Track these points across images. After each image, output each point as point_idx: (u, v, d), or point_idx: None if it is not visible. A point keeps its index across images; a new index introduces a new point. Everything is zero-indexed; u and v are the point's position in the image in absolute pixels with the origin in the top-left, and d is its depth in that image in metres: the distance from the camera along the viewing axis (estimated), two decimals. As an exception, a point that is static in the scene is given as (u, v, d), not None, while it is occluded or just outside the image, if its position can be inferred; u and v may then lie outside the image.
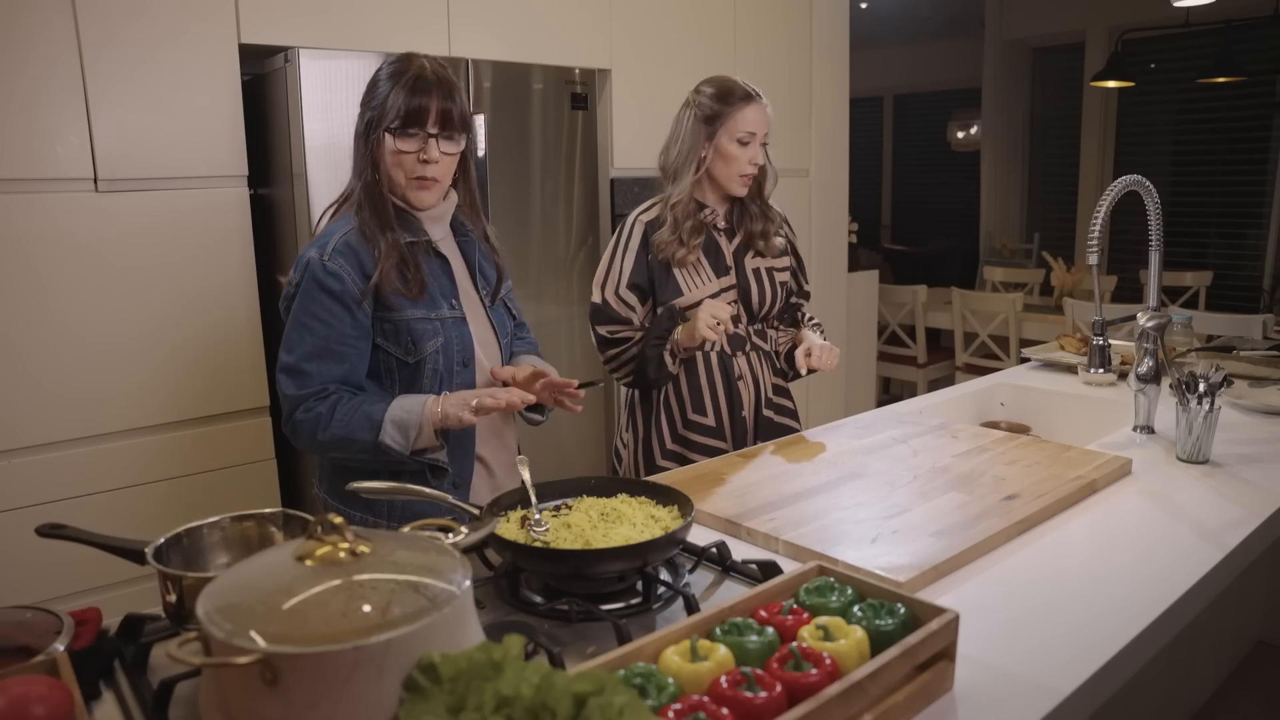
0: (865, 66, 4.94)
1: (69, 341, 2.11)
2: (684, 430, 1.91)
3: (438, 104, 1.42)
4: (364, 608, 0.73)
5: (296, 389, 1.43)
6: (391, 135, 1.43)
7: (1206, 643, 2.30)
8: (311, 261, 1.43)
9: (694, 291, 1.87)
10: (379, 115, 1.43)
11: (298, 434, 1.45)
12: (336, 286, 1.42)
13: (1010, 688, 0.93)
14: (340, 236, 1.44)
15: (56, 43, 2.02)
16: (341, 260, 1.42)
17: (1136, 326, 1.82)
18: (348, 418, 1.41)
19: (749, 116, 1.85)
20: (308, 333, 1.43)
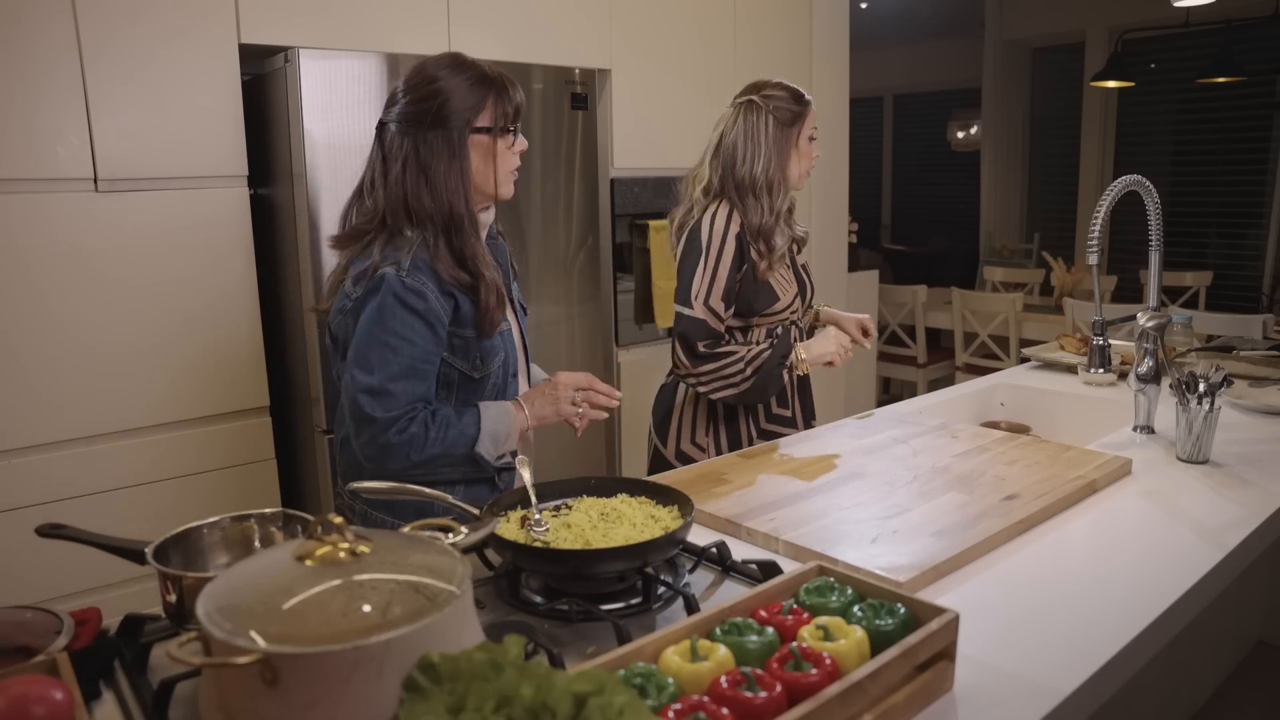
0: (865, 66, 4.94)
1: (69, 341, 2.11)
2: (767, 424, 2.00)
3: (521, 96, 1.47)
4: (364, 608, 0.73)
5: (384, 411, 1.37)
6: (505, 135, 1.44)
7: (1206, 643, 2.30)
8: (389, 278, 1.36)
9: (785, 297, 1.94)
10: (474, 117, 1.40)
11: (388, 456, 1.38)
12: (420, 305, 1.37)
13: (1010, 688, 0.93)
14: (418, 252, 1.39)
15: (56, 43, 2.02)
16: (422, 277, 1.38)
17: (1136, 326, 1.82)
18: (442, 436, 1.39)
19: (814, 114, 1.96)
20: (390, 351, 1.37)
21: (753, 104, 1.91)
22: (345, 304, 1.41)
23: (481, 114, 1.41)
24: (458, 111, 1.40)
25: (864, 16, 5.76)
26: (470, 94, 1.40)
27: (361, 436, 1.39)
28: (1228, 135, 5.71)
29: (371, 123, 2.37)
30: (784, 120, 1.90)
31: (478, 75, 1.42)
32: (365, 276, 1.38)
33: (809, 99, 1.95)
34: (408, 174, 1.40)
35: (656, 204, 3.19)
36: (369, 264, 1.39)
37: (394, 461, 1.39)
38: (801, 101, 1.93)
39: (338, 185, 2.35)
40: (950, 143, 7.47)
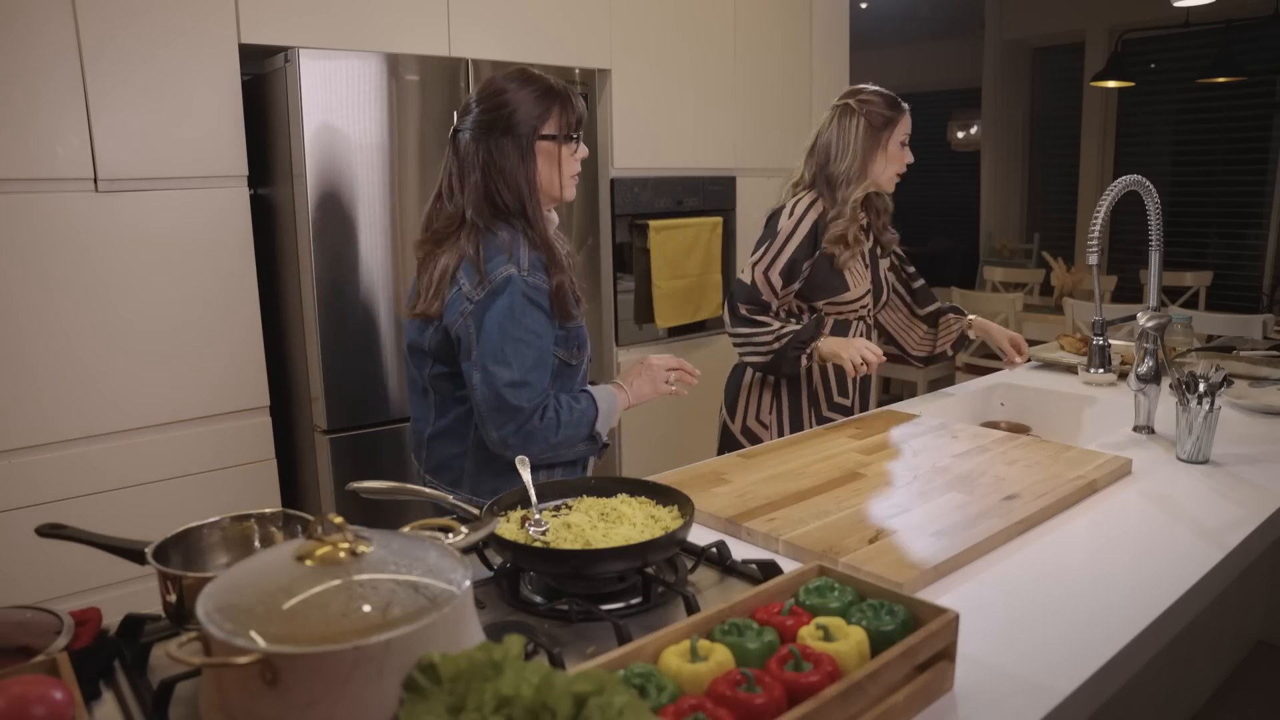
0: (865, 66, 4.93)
1: (69, 341, 2.11)
2: (828, 412, 2.13)
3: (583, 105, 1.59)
4: (364, 608, 0.73)
5: (527, 401, 1.47)
6: (571, 142, 1.55)
7: (1206, 643, 2.30)
8: (514, 278, 1.47)
9: (855, 289, 2.06)
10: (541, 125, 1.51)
11: (531, 442, 1.48)
12: (543, 301, 1.50)
13: (1010, 688, 0.93)
14: (529, 250, 1.51)
15: (56, 43, 2.03)
16: (540, 275, 1.50)
17: (1136, 326, 1.82)
18: (571, 419, 1.52)
19: (907, 120, 2.06)
20: (524, 345, 1.48)
21: (848, 107, 2.04)
22: (465, 306, 1.48)
23: (547, 123, 1.53)
24: (525, 120, 1.51)
25: (864, 16, 5.76)
26: (537, 105, 1.52)
27: (505, 427, 1.48)
28: (1228, 135, 5.71)
29: (372, 122, 2.39)
30: (876, 124, 2.02)
31: (544, 88, 1.54)
32: (485, 279, 1.47)
33: (904, 106, 2.05)
34: (487, 178, 1.51)
35: (656, 204, 3.19)
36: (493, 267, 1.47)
37: (535, 446, 1.49)
38: (895, 107, 2.04)
39: (338, 185, 2.35)
40: (950, 143, 7.46)
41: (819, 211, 2.04)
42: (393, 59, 2.41)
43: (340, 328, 2.40)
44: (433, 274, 1.53)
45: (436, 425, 1.61)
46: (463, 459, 1.59)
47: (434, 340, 1.54)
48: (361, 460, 2.48)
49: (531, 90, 1.52)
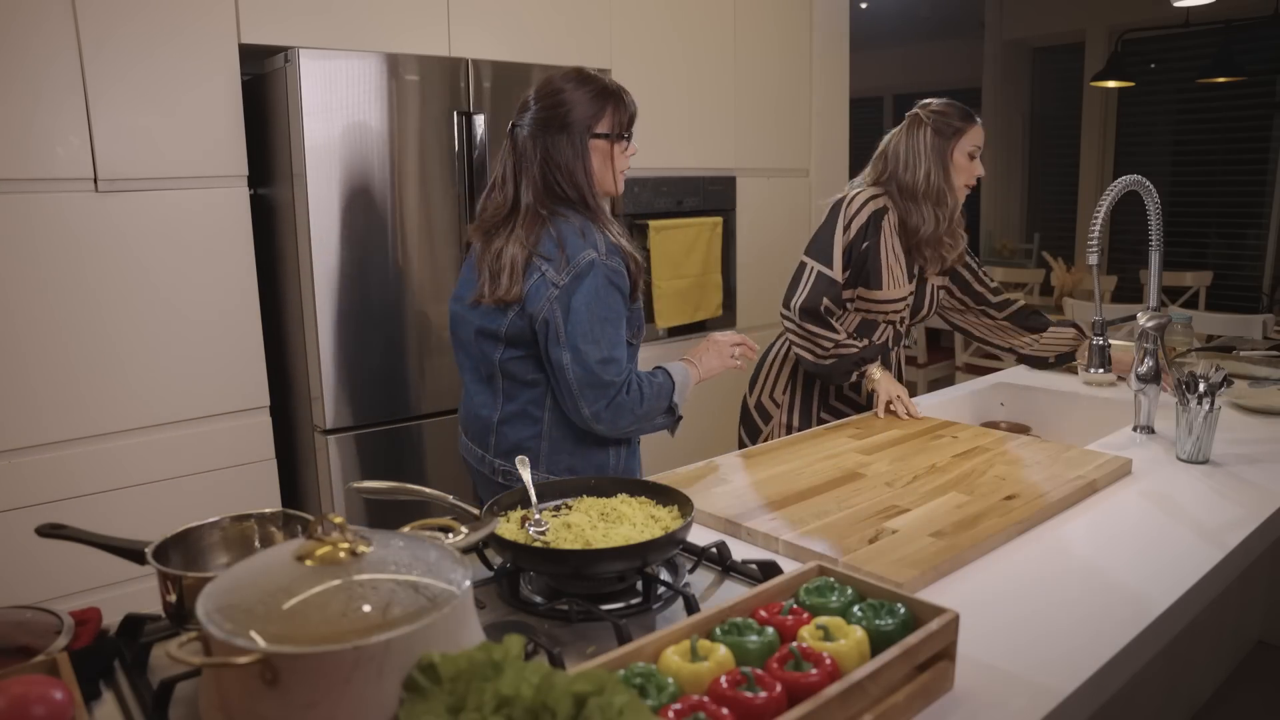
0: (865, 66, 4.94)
1: (69, 341, 2.11)
2: (835, 401, 2.16)
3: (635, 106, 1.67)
4: (364, 608, 0.73)
5: (617, 376, 1.56)
6: (624, 141, 1.64)
7: (1206, 642, 2.30)
8: (597, 262, 1.55)
9: (891, 290, 2.07)
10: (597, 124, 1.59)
11: (620, 414, 1.57)
12: (621, 283, 1.58)
13: (1010, 688, 0.93)
14: (606, 236, 1.59)
15: (56, 43, 2.03)
16: (617, 258, 1.58)
17: (1136, 326, 1.82)
18: (653, 392, 1.61)
19: (976, 133, 2.06)
20: (610, 325, 1.56)
21: (917, 117, 2.08)
22: (551, 291, 1.54)
23: (600, 121, 1.60)
24: (580, 119, 1.59)
25: (864, 16, 5.76)
26: (591, 104, 1.60)
27: (597, 403, 1.56)
28: (1228, 135, 5.71)
29: (372, 123, 2.39)
30: (945, 133, 2.04)
31: (599, 88, 1.61)
32: (569, 264, 1.54)
33: (975, 118, 2.06)
34: (545, 172, 1.59)
35: (656, 204, 3.19)
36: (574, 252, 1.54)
37: (624, 419, 1.58)
38: (965, 118, 2.05)
39: (338, 185, 2.35)
40: (950, 143, 7.46)
41: (879, 206, 2.06)
42: (393, 59, 2.41)
43: (340, 327, 2.40)
44: (499, 262, 1.58)
45: (506, 410, 1.66)
46: (538, 440, 1.65)
47: (512, 326, 1.59)
48: (362, 460, 2.49)
49: (587, 90, 1.60)
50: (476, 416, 1.71)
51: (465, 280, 1.69)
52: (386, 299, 2.47)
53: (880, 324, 2.11)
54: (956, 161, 2.04)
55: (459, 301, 1.69)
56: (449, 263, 2.57)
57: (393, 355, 2.50)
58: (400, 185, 2.46)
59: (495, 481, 1.70)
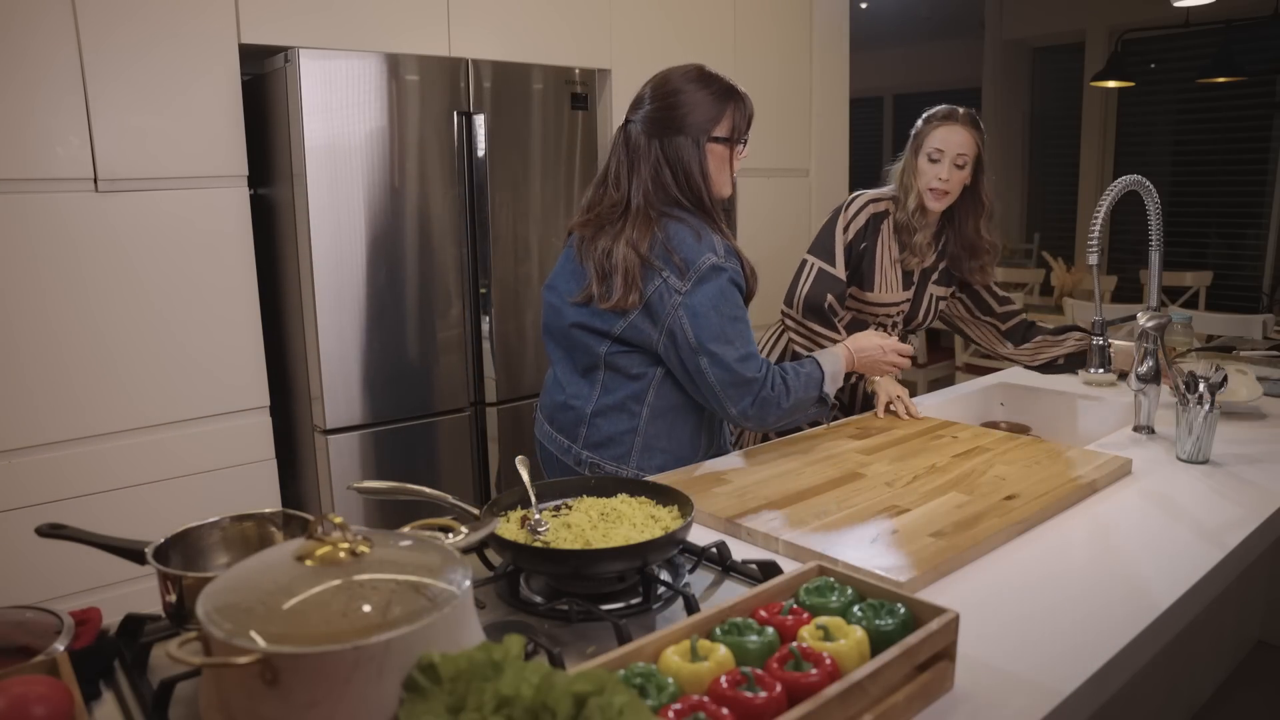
0: (865, 66, 4.94)
1: (69, 341, 2.11)
2: None
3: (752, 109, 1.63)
4: (364, 608, 0.73)
5: (757, 372, 1.57)
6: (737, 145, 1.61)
7: (1206, 642, 2.30)
8: (717, 264, 1.55)
9: (883, 294, 2.07)
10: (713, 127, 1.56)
11: (767, 409, 1.58)
12: (741, 283, 1.60)
13: (1010, 688, 0.93)
14: (721, 241, 1.58)
15: (56, 43, 2.03)
16: (734, 260, 1.59)
17: (1136, 326, 1.82)
18: (800, 384, 1.62)
19: (940, 134, 2.01)
20: (740, 324, 1.57)
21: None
22: (675, 298, 1.54)
23: (720, 125, 1.58)
24: (700, 122, 1.57)
25: (864, 16, 5.76)
26: (712, 106, 1.57)
27: (744, 400, 1.57)
28: (1228, 135, 5.71)
29: (372, 123, 2.39)
30: (916, 132, 2.05)
31: (720, 89, 1.58)
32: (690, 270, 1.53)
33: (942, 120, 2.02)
34: (659, 172, 1.57)
35: (656, 204, 3.18)
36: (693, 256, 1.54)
37: (771, 412, 1.59)
38: (930, 120, 2.04)
39: (338, 185, 2.35)
40: (950, 143, 7.46)
41: (879, 210, 2.05)
42: (393, 59, 2.41)
43: (340, 327, 2.40)
44: (609, 262, 1.56)
45: (601, 402, 1.65)
46: (632, 435, 1.65)
47: (631, 329, 1.59)
48: (362, 460, 2.49)
49: (708, 92, 1.57)
50: (568, 407, 1.69)
51: (564, 272, 1.67)
52: (386, 299, 2.47)
53: (872, 326, 2.12)
54: (918, 164, 2.02)
55: (554, 292, 1.68)
56: (449, 262, 2.57)
57: (393, 355, 2.50)
58: (400, 185, 2.46)
59: (577, 472, 1.69)
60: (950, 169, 2.00)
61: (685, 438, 1.67)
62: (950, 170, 2.00)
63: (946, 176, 2.00)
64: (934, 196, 2.02)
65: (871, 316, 2.11)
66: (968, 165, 2.02)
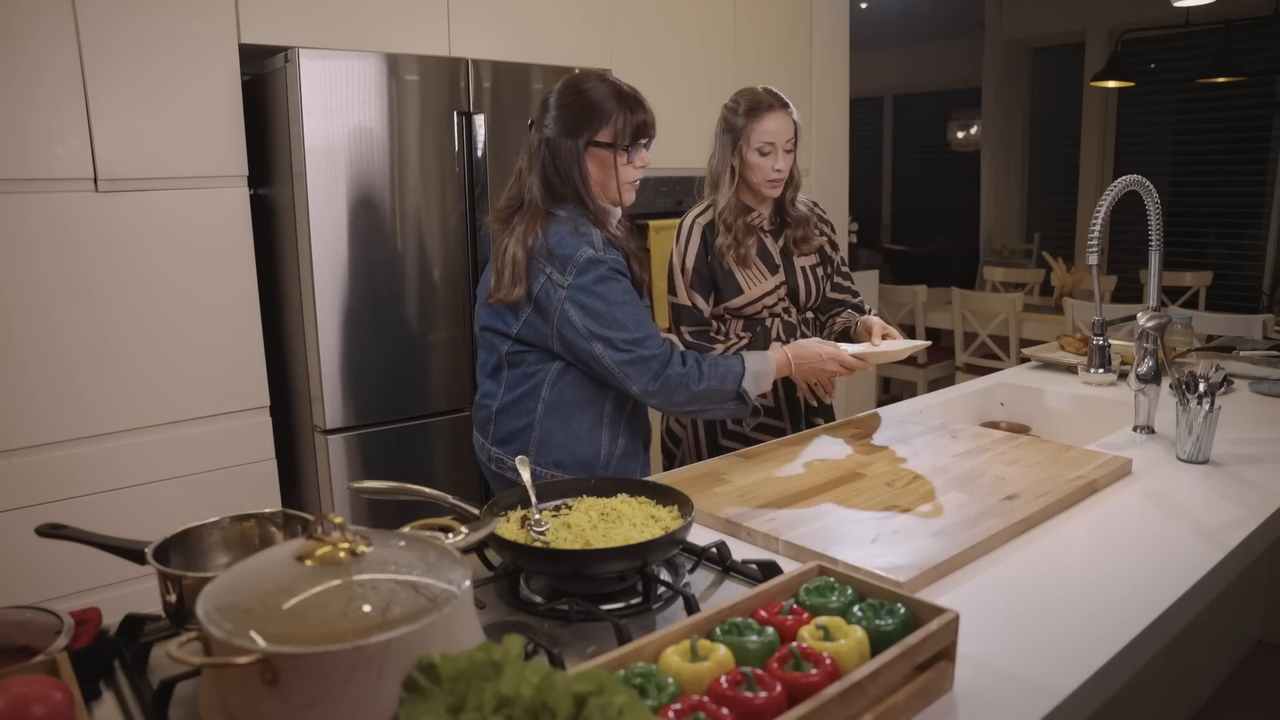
0: (865, 66, 4.94)
1: (69, 341, 2.11)
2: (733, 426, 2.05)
3: (648, 115, 1.63)
4: (364, 608, 0.73)
5: (655, 347, 1.58)
6: (624, 151, 1.61)
7: (1206, 642, 2.30)
8: (594, 257, 1.58)
9: (752, 289, 2.00)
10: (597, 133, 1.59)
11: (672, 388, 1.59)
12: (623, 269, 1.61)
13: (1010, 688, 0.93)
14: (598, 233, 1.61)
15: (56, 44, 2.03)
16: (613, 251, 1.61)
17: (1136, 326, 1.82)
18: (714, 371, 1.61)
19: (767, 127, 1.95)
20: (630, 306, 1.59)
21: (722, 108, 2.03)
22: (560, 293, 1.57)
23: (603, 130, 1.59)
24: (579, 126, 1.60)
25: (864, 16, 5.76)
26: (597, 112, 1.60)
27: (643, 378, 1.58)
28: (1228, 135, 5.71)
29: (372, 123, 2.39)
30: (727, 128, 2.00)
31: (608, 94, 1.61)
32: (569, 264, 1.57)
33: (761, 112, 1.95)
34: (545, 171, 1.62)
35: (656, 204, 3.18)
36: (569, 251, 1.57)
37: (679, 392, 1.59)
38: (747, 114, 1.96)
39: (338, 185, 2.35)
40: (950, 143, 7.47)
41: (706, 220, 2.02)
42: (393, 59, 2.41)
43: (340, 327, 2.40)
44: (504, 260, 1.61)
45: (504, 399, 1.70)
46: (529, 430, 1.68)
47: (526, 327, 1.63)
48: (361, 460, 2.48)
49: (595, 97, 1.60)
50: (482, 406, 1.75)
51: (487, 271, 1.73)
52: (387, 299, 2.47)
53: (766, 318, 2.04)
54: (747, 159, 1.96)
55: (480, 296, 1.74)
56: (449, 262, 2.57)
57: (393, 355, 2.50)
58: (400, 185, 2.46)
59: (490, 469, 1.74)
60: (783, 156, 1.97)
61: (581, 433, 1.68)
62: (784, 159, 1.98)
63: (782, 166, 1.97)
64: (772, 186, 1.99)
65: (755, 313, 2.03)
66: (795, 146, 2.00)
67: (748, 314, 2.03)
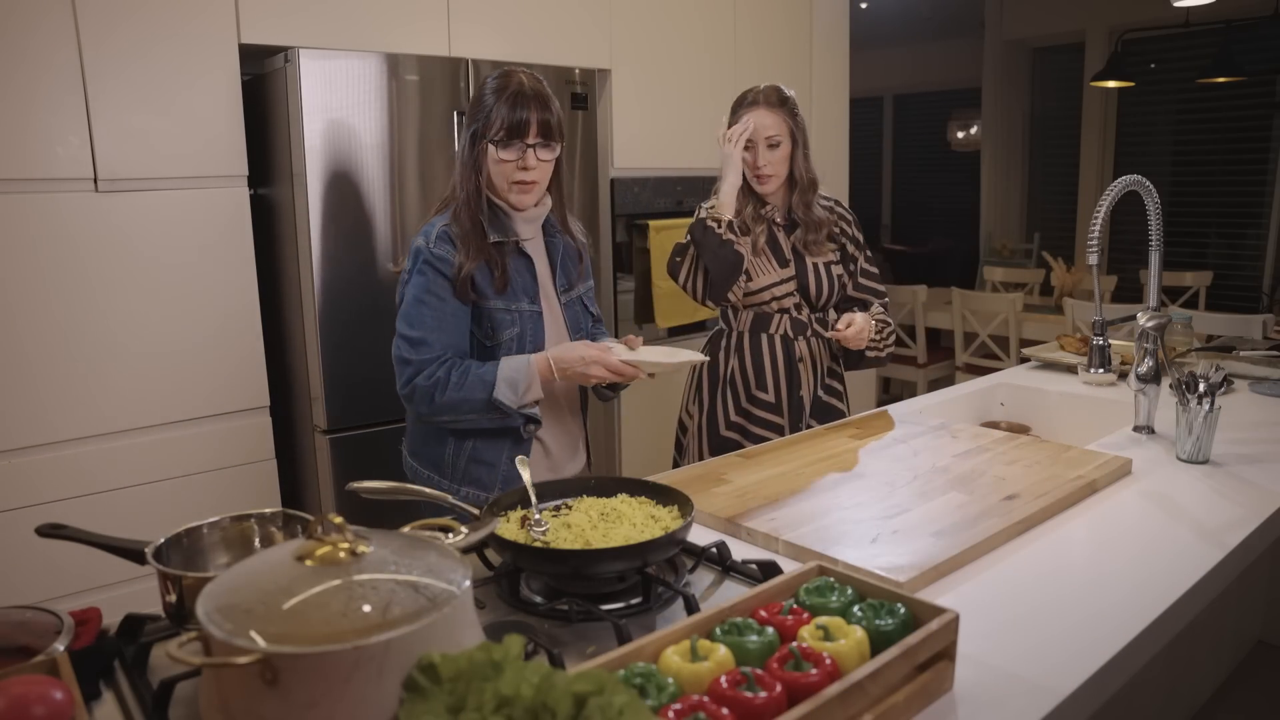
0: (865, 66, 4.94)
1: (69, 341, 2.11)
2: (746, 404, 2.07)
3: (537, 115, 1.58)
4: (364, 608, 0.73)
5: (418, 355, 1.58)
6: (496, 146, 1.58)
7: (1206, 642, 2.30)
8: (421, 248, 1.61)
9: (759, 279, 2.03)
10: (484, 127, 1.59)
11: (416, 398, 1.59)
12: (446, 269, 1.59)
13: (1010, 688, 0.93)
14: (442, 226, 1.62)
15: (56, 44, 2.02)
16: (446, 246, 1.60)
17: (1136, 326, 1.82)
18: (462, 380, 1.57)
19: (755, 120, 1.98)
20: (426, 307, 1.59)
21: None
22: (404, 275, 1.64)
23: (491, 126, 1.58)
24: (473, 121, 1.61)
25: (864, 16, 5.76)
26: (481, 106, 1.60)
27: (399, 380, 1.61)
28: (1228, 135, 5.71)
29: (371, 123, 2.39)
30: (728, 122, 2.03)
31: (495, 88, 1.59)
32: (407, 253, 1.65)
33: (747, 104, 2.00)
34: (458, 161, 1.65)
35: (656, 204, 3.19)
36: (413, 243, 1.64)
37: (421, 404, 1.59)
38: (734, 108, 2.03)
39: (338, 185, 2.35)
40: (950, 143, 7.47)
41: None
42: (393, 59, 2.41)
43: (340, 328, 2.40)
44: None
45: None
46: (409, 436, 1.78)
47: None
48: (361, 460, 2.48)
49: (484, 90, 1.61)
50: None
51: None
52: (386, 299, 2.47)
53: (773, 315, 2.05)
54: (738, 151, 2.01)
55: None
56: (449, 263, 2.57)
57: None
58: (400, 185, 2.46)
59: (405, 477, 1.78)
60: (765, 153, 1.98)
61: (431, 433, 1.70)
62: (765, 154, 1.99)
63: (763, 162, 1.99)
64: (760, 182, 2.02)
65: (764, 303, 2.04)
66: (782, 144, 1.99)
67: (755, 304, 2.05)
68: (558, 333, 1.73)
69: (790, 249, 2.06)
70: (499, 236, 1.64)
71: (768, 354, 2.06)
